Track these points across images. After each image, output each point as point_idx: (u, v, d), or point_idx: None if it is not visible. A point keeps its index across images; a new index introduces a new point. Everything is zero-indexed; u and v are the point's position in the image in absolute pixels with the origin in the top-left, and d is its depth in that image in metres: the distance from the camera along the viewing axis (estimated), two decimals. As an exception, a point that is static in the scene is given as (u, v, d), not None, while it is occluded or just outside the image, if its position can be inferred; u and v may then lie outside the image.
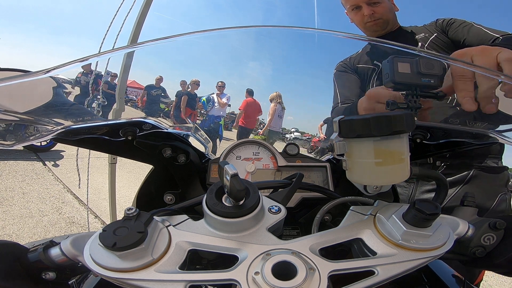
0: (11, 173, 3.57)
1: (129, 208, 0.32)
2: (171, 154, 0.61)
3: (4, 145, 0.48)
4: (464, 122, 0.54)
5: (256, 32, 0.65)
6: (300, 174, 0.48)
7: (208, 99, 2.30)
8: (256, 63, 1.76)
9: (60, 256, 0.34)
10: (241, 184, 0.32)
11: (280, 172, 0.68)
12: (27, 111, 0.47)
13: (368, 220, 0.39)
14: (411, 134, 0.57)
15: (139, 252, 0.30)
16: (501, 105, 0.51)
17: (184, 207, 0.45)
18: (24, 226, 2.51)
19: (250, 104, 2.83)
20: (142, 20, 1.72)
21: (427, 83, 0.47)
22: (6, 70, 0.47)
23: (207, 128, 2.27)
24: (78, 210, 3.00)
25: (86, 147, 0.61)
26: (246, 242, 0.34)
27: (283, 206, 0.39)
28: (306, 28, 0.60)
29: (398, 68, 0.47)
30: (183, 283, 0.29)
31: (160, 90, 1.40)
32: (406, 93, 0.49)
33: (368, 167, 0.40)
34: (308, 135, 4.02)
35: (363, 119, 0.37)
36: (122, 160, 0.85)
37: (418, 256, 0.33)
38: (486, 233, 0.40)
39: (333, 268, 0.31)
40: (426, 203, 0.34)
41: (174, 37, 0.52)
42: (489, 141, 0.53)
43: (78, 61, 0.48)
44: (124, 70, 1.57)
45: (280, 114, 2.80)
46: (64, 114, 0.55)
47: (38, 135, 0.51)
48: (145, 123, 0.59)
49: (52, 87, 0.51)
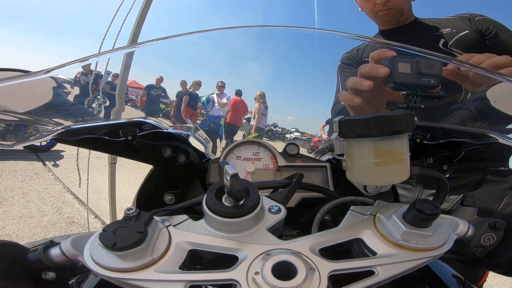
0: (11, 173, 3.57)
1: (129, 208, 0.32)
2: (171, 154, 0.61)
3: (4, 145, 0.48)
4: (464, 122, 0.54)
5: (256, 32, 0.65)
6: (300, 174, 0.48)
7: (208, 99, 2.30)
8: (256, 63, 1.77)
9: (60, 256, 0.34)
10: (241, 184, 0.32)
11: (280, 172, 0.68)
12: (27, 111, 0.47)
13: (368, 220, 0.39)
14: (411, 134, 0.57)
15: (139, 252, 0.30)
16: (501, 105, 0.51)
17: (184, 207, 0.45)
18: (24, 226, 2.51)
19: (237, 103, 2.99)
20: (142, 20, 1.72)
21: (427, 83, 0.47)
22: (6, 70, 0.47)
23: (207, 128, 2.28)
24: (78, 210, 3.00)
25: (86, 147, 0.61)
26: (246, 242, 0.34)
27: (283, 206, 0.39)
28: (306, 28, 0.60)
29: (398, 68, 0.47)
30: (183, 283, 0.29)
31: (160, 90, 1.40)
32: (406, 93, 0.49)
33: (368, 167, 0.40)
34: (308, 135, 4.03)
35: (363, 119, 0.37)
36: (122, 160, 0.86)
37: (418, 256, 0.33)
38: (486, 233, 0.40)
39: (333, 268, 0.31)
40: (426, 203, 0.34)
41: (174, 37, 0.52)
42: (489, 141, 0.53)
43: (78, 61, 0.48)
44: (124, 70, 1.58)
45: (264, 113, 2.96)
46: (64, 114, 0.55)
47: (38, 135, 0.51)
48: (145, 123, 0.59)
49: (52, 87, 0.51)
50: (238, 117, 3.01)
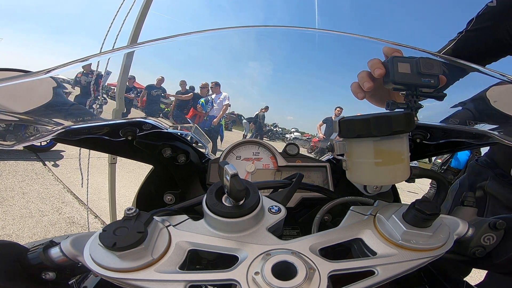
0: (11, 173, 3.57)
1: (129, 208, 0.32)
2: (171, 154, 0.61)
3: (4, 145, 0.48)
4: (464, 122, 0.54)
5: (256, 32, 0.65)
6: (300, 174, 0.48)
7: (206, 100, 2.30)
8: (256, 63, 1.77)
9: (60, 256, 0.34)
10: (241, 184, 0.32)
11: (280, 172, 0.68)
12: (27, 111, 0.47)
13: (368, 220, 0.39)
14: (411, 134, 0.57)
15: (139, 252, 0.30)
16: (501, 105, 0.51)
17: (184, 207, 0.45)
18: (24, 226, 2.51)
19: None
20: (142, 20, 1.72)
21: (427, 83, 0.47)
22: (6, 70, 0.47)
23: (207, 128, 2.28)
24: (78, 210, 3.00)
25: (86, 147, 0.61)
26: (246, 242, 0.34)
27: (283, 206, 0.39)
28: (307, 28, 0.60)
29: (398, 68, 0.48)
30: (183, 283, 0.29)
31: (160, 91, 1.41)
32: (406, 93, 0.49)
33: (368, 167, 0.40)
34: (308, 135, 4.03)
35: (363, 119, 0.37)
36: (122, 160, 0.86)
37: (418, 256, 0.33)
38: (486, 233, 0.39)
39: (333, 268, 0.31)
40: (426, 203, 0.34)
41: (174, 37, 0.53)
42: (489, 141, 0.52)
43: (79, 61, 0.48)
44: (124, 70, 1.58)
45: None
46: (64, 114, 0.55)
47: (38, 135, 0.51)
48: (145, 123, 0.58)
49: (52, 87, 0.51)
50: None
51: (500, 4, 0.86)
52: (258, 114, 5.11)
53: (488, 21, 0.87)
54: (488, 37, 0.88)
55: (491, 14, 0.87)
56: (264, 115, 5.12)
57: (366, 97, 0.57)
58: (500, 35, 0.85)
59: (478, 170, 1.06)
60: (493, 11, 0.87)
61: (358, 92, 0.56)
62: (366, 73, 0.54)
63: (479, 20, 0.90)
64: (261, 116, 5.17)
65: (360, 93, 0.56)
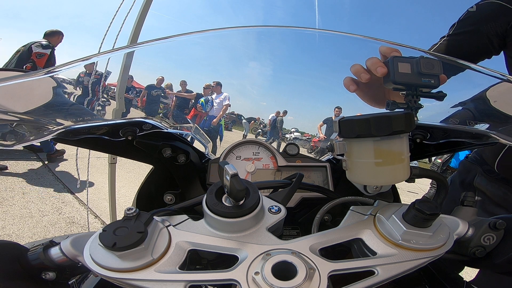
0: (11, 173, 3.57)
1: (129, 208, 0.32)
2: (171, 154, 0.61)
3: (4, 145, 0.48)
4: (464, 122, 0.54)
5: (256, 32, 0.65)
6: (300, 174, 0.48)
7: (206, 100, 2.30)
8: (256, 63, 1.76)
9: (60, 256, 0.34)
10: (241, 184, 0.32)
11: (280, 172, 0.68)
12: (27, 111, 0.47)
13: (368, 220, 0.39)
14: (411, 134, 0.57)
15: (139, 252, 0.30)
16: (501, 105, 0.51)
17: (184, 207, 0.45)
18: (24, 226, 2.51)
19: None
20: (142, 20, 1.72)
21: (427, 83, 0.47)
22: (6, 70, 0.47)
23: (207, 128, 2.28)
24: (78, 210, 3.00)
25: (86, 147, 0.61)
26: (246, 242, 0.34)
27: (283, 206, 0.39)
28: (307, 28, 0.60)
29: (398, 68, 0.47)
30: (183, 283, 0.29)
31: (160, 90, 1.40)
32: (406, 93, 0.49)
33: (368, 167, 0.40)
34: (308, 135, 4.03)
35: (363, 119, 0.37)
36: (122, 159, 0.86)
37: (418, 256, 0.33)
38: (486, 233, 0.39)
39: (333, 268, 0.31)
40: (426, 203, 0.34)
41: (174, 37, 0.53)
42: (489, 141, 0.52)
43: (79, 61, 0.48)
44: (124, 70, 1.58)
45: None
46: (64, 114, 0.55)
47: (38, 135, 0.51)
48: (145, 123, 0.58)
49: (52, 87, 0.51)
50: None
51: (480, 10, 0.89)
52: (276, 118, 4.89)
53: (469, 26, 0.91)
54: (469, 41, 0.91)
55: (471, 19, 0.91)
56: (283, 120, 4.89)
57: (357, 90, 0.58)
58: (481, 40, 0.88)
59: (468, 167, 1.08)
60: (473, 16, 0.91)
61: (350, 85, 0.57)
62: (360, 66, 0.55)
63: (460, 25, 0.93)
64: (279, 120, 4.94)
65: (352, 85, 0.57)
